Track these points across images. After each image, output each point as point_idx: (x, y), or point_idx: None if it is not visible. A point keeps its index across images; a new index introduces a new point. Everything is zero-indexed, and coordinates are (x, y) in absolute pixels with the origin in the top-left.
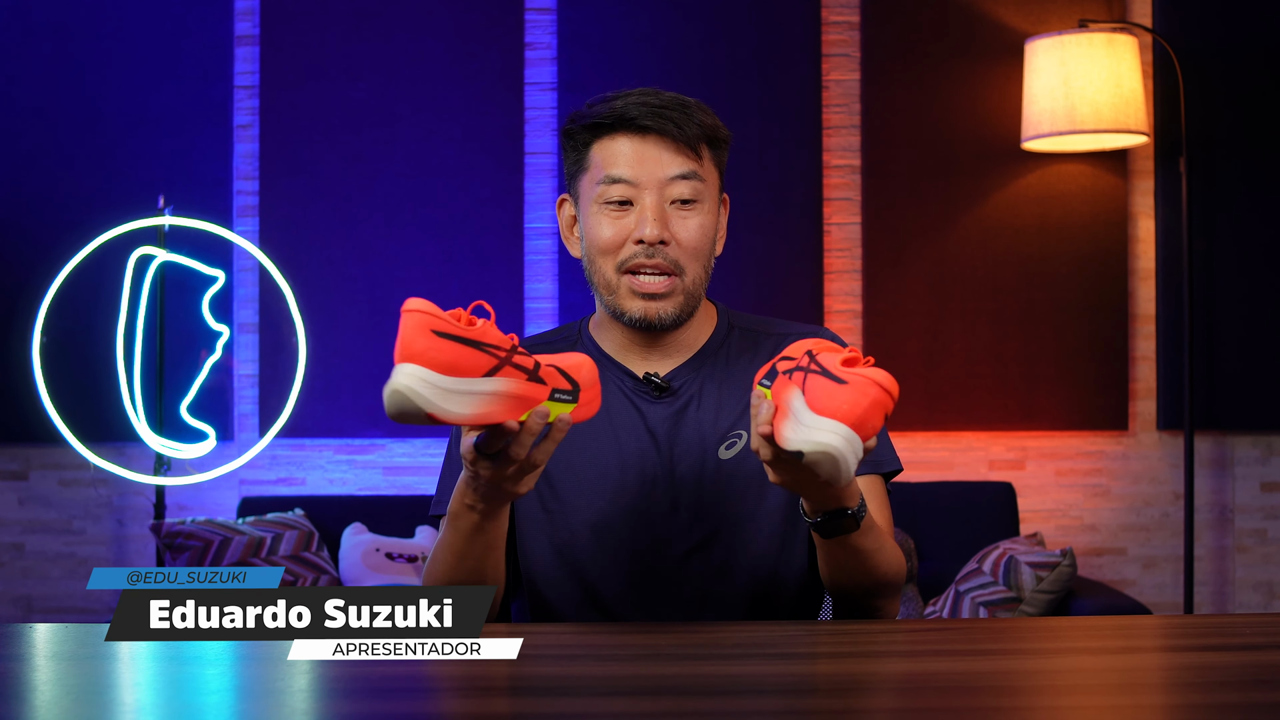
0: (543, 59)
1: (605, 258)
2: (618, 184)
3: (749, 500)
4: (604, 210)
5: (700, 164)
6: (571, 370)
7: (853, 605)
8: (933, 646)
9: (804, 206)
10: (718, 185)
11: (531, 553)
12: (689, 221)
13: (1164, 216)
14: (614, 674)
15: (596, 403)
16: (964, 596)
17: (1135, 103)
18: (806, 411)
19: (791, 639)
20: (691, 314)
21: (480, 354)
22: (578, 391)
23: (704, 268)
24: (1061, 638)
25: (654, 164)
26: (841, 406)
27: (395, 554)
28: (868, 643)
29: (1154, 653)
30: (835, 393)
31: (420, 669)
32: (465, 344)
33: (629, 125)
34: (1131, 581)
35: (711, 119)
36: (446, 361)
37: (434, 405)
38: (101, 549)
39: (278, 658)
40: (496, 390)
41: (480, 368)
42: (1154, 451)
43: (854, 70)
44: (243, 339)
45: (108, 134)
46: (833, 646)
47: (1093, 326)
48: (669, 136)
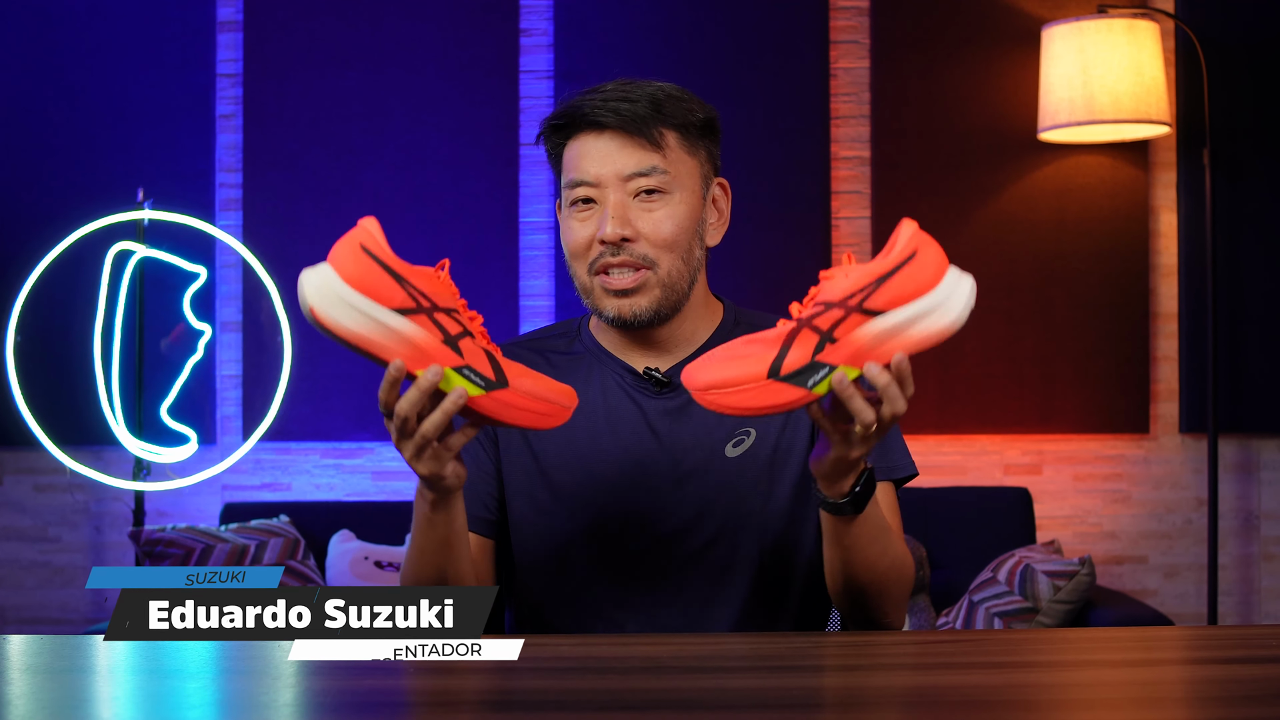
0: (539, 46)
1: (577, 261)
2: (579, 186)
3: (755, 499)
4: (571, 213)
5: (664, 155)
6: (539, 386)
7: (860, 611)
8: (945, 659)
9: (811, 200)
10: (696, 173)
11: (524, 556)
12: (655, 214)
13: (1187, 210)
14: (613, 688)
15: (541, 418)
16: (978, 607)
17: (1157, 91)
18: (915, 305)
19: (797, 651)
20: (676, 308)
21: (398, 288)
22: (498, 386)
23: (682, 259)
24: (1080, 650)
25: (612, 161)
26: (926, 272)
27: (385, 562)
28: (877, 655)
29: (1176, 665)
30: (908, 277)
31: (410, 683)
32: (387, 271)
33: (586, 123)
34: (1153, 591)
35: (683, 104)
36: (359, 277)
37: (322, 306)
38: (78, 557)
39: (262, 670)
40: (394, 326)
41: (391, 300)
42: (1176, 455)
43: (863, 58)
44: (225, 338)
45: (84, 124)
46: (840, 659)
47: (1112, 325)
48: (626, 131)
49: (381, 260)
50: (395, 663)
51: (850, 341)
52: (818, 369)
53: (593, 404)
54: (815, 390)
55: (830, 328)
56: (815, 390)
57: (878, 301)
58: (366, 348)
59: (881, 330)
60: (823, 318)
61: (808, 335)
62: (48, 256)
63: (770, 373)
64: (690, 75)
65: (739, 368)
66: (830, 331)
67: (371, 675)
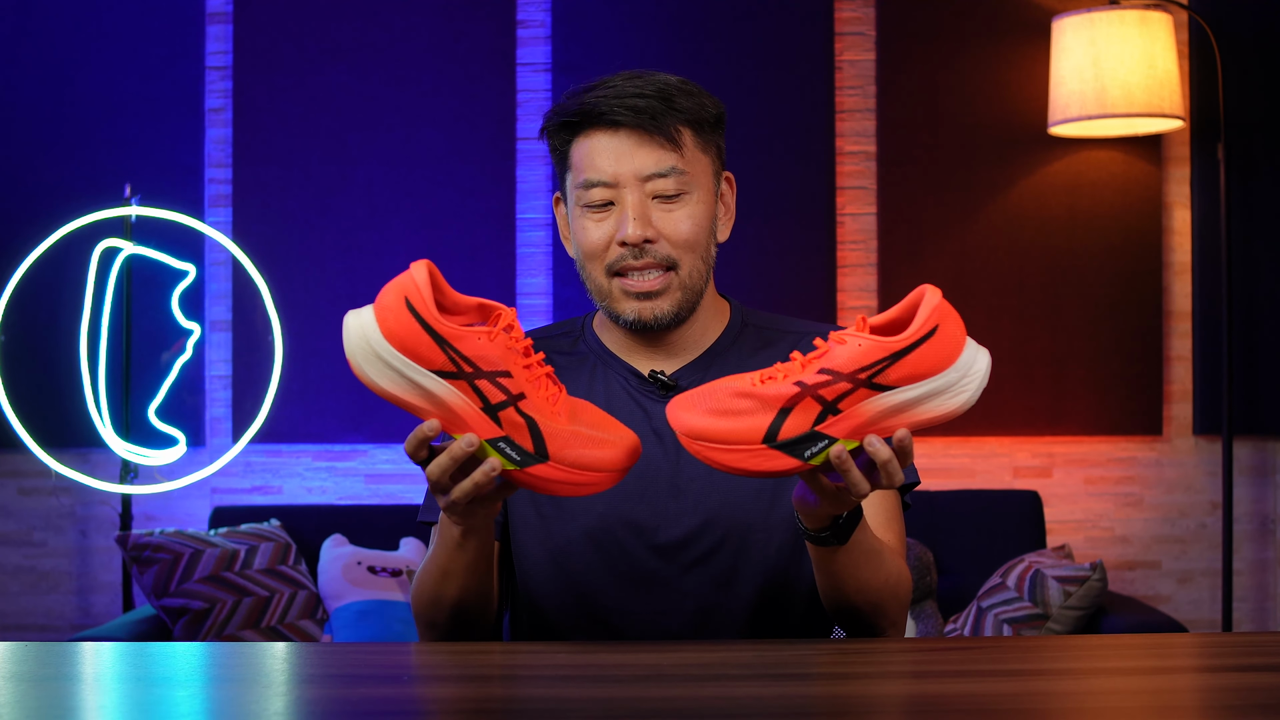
0: (536, 38)
1: (593, 263)
2: (595, 187)
3: (759, 508)
4: (586, 214)
5: (681, 154)
6: (586, 454)
7: (857, 629)
8: (953, 667)
9: (815, 196)
10: (710, 169)
11: (525, 559)
12: (675, 214)
13: (1201, 206)
14: (613, 696)
15: (581, 489)
16: (986, 613)
17: (1170, 84)
18: (928, 384)
19: (802, 659)
20: (693, 310)
21: (438, 350)
22: (535, 461)
23: (701, 259)
24: (1091, 657)
25: (630, 161)
26: (944, 349)
27: (378, 567)
28: (884, 663)
29: (1190, 673)
30: (924, 355)
31: (406, 692)
32: (427, 331)
33: (600, 121)
34: (1166, 597)
35: (696, 99)
36: (398, 334)
37: (358, 360)
38: (64, 562)
39: (253, 678)
40: (431, 390)
41: (431, 361)
42: (1190, 458)
43: (869, 50)
44: (215, 337)
45: (70, 118)
46: (846, 667)
47: (1124, 324)
48: (644, 130)
49: (423, 318)
50: (392, 671)
51: (854, 414)
52: (816, 440)
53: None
54: (811, 462)
55: (835, 399)
56: (811, 462)
57: (889, 377)
58: (402, 407)
59: (889, 406)
60: (829, 389)
61: (810, 404)
62: (32, 254)
63: (766, 438)
64: (691, 67)
65: (732, 424)
66: (835, 403)
67: (366, 684)
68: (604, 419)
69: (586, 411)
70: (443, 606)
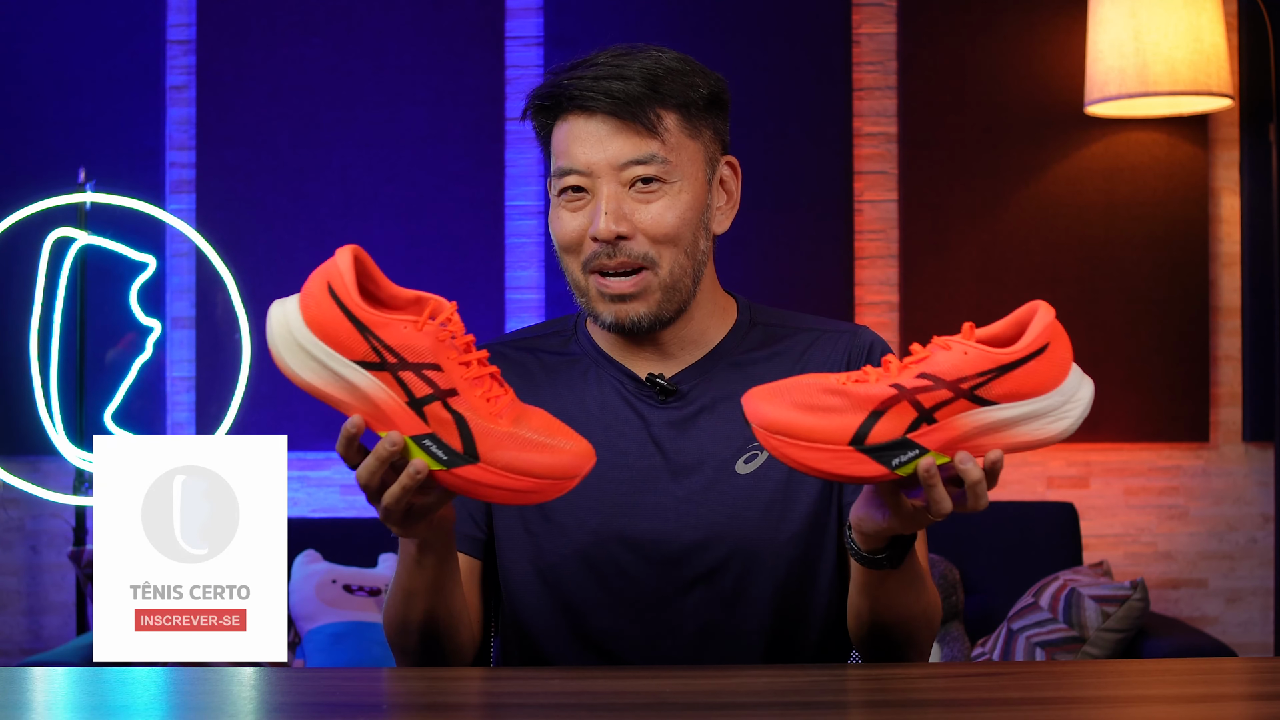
0: (526, 10)
1: (569, 256)
2: (569, 174)
3: (769, 523)
4: (561, 203)
5: (661, 140)
6: (525, 459)
7: (882, 659)
8: (981, 694)
9: (831, 181)
10: (700, 156)
11: (512, 579)
12: (653, 206)
13: (1251, 193)
14: None
15: (520, 496)
16: (1018, 636)
17: (1218, 60)
18: (1031, 404)
19: (817, 685)
20: (681, 308)
21: (360, 338)
22: (464, 462)
23: (686, 254)
24: (1132, 683)
25: (604, 149)
26: (1052, 370)
27: (355, 586)
28: (905, 690)
29: (1239, 701)
30: (1031, 373)
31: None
32: (348, 318)
33: (574, 104)
34: (1213, 619)
35: (685, 80)
36: (320, 321)
37: (279, 348)
38: (13, 580)
39: (218, 707)
40: (352, 381)
41: (353, 351)
42: (1239, 467)
43: (889, 22)
44: (177, 335)
45: (18, 95)
46: (864, 694)
47: (1168, 321)
48: (617, 115)
49: (344, 304)
50: (370, 700)
51: (949, 426)
52: (907, 448)
53: (589, 413)
54: (899, 471)
55: (932, 407)
56: (899, 471)
57: (992, 391)
58: (326, 401)
59: (987, 423)
60: (927, 395)
61: (904, 409)
62: None
63: (854, 440)
64: (694, 41)
65: (818, 421)
66: (931, 411)
67: (341, 713)
68: (554, 426)
69: (535, 417)
70: (410, 631)
